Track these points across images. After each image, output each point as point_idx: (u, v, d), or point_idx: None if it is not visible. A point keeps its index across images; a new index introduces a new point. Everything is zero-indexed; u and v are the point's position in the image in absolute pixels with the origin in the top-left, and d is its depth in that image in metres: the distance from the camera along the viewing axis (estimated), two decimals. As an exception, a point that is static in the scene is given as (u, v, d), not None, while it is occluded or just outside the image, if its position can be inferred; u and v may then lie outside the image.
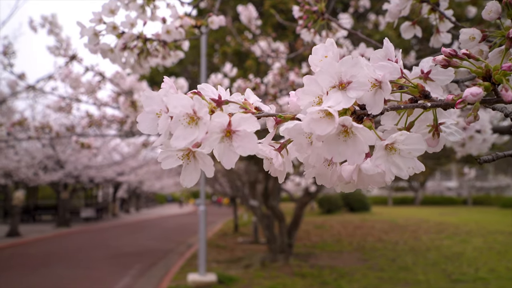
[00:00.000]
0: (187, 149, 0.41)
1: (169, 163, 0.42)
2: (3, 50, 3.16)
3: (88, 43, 1.02)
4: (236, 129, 0.41)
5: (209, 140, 0.40)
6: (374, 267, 8.84)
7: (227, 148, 0.41)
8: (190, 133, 0.40)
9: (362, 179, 0.47)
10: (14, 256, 10.75)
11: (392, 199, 37.74)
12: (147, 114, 0.43)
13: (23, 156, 14.86)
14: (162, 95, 0.42)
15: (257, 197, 10.50)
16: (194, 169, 0.42)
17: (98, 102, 3.33)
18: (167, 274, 8.34)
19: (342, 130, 0.43)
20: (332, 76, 0.43)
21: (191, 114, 0.40)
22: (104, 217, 25.40)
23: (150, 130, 0.44)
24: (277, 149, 0.47)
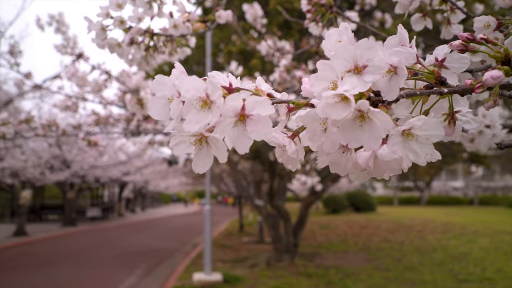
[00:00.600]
0: (199, 134, 0.40)
1: (181, 149, 0.41)
2: (10, 49, 3.17)
3: (96, 38, 1.01)
4: (250, 113, 0.40)
5: (223, 124, 0.39)
6: (380, 267, 8.80)
7: (240, 133, 0.40)
8: (203, 117, 0.39)
9: (378, 166, 0.46)
10: (21, 255, 10.81)
11: (398, 199, 37.60)
12: (158, 99, 0.42)
13: (29, 156, 14.94)
14: (173, 80, 0.41)
15: (262, 196, 10.49)
16: (207, 154, 0.41)
17: (104, 100, 3.33)
18: (173, 274, 8.35)
19: (358, 115, 0.42)
20: (347, 60, 0.42)
21: (204, 98, 0.39)
22: (110, 216, 25.49)
23: (161, 115, 0.43)
24: (290, 137, 0.46)
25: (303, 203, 9.80)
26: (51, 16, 2.17)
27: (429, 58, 0.52)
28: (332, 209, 24.58)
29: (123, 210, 27.77)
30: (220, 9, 1.08)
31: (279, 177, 9.51)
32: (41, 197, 24.05)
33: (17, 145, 12.95)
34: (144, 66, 1.43)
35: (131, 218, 25.18)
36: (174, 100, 0.40)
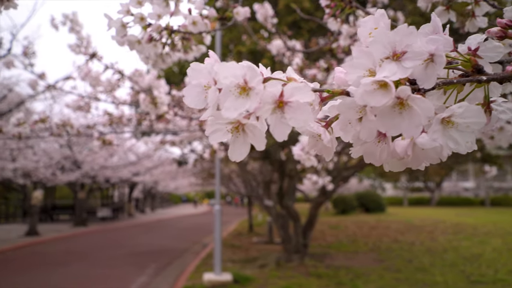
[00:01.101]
0: (236, 122, 0.40)
1: (217, 137, 0.41)
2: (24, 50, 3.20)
3: (116, 34, 1.02)
4: (289, 100, 0.39)
5: (261, 111, 0.39)
6: (391, 267, 8.74)
7: (278, 120, 0.39)
8: (241, 103, 0.39)
9: (417, 155, 0.45)
10: (33, 255, 10.92)
11: (408, 199, 37.38)
12: (193, 87, 0.42)
13: (41, 157, 15.11)
14: (209, 67, 0.41)
15: (272, 197, 10.48)
16: (243, 142, 0.41)
17: (116, 100, 3.35)
18: (183, 273, 8.37)
19: (397, 102, 0.42)
20: (385, 47, 0.41)
21: (242, 85, 0.39)
22: (120, 216, 25.67)
23: (197, 103, 0.42)
24: (324, 126, 0.46)
25: (312, 204, 9.76)
26: (65, 15, 2.19)
27: (461, 48, 0.51)
28: (342, 210, 24.49)
29: (133, 211, 27.94)
30: (238, 5, 1.08)
31: (288, 177, 9.49)
32: (52, 197, 24.29)
33: (29, 146, 13.10)
34: (160, 64, 1.43)
35: (141, 218, 25.32)
36: (212, 87, 0.40)
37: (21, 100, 12.12)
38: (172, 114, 2.64)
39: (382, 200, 26.91)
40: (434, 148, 0.44)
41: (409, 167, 0.49)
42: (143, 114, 2.84)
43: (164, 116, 2.33)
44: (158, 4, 1.06)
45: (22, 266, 9.32)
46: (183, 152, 15.21)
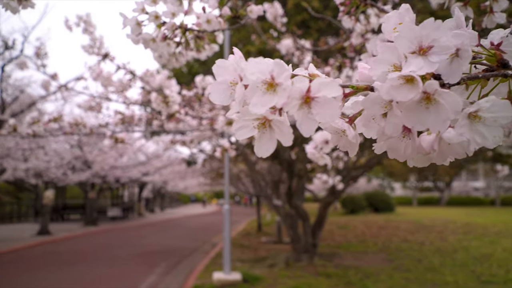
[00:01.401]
0: (263, 118, 0.40)
1: (243, 133, 0.41)
2: (36, 51, 3.23)
3: (131, 32, 1.02)
4: (315, 95, 0.39)
5: (288, 106, 0.39)
6: (400, 267, 8.69)
7: (305, 116, 0.39)
8: (269, 100, 0.39)
9: (443, 150, 0.45)
10: (45, 254, 11.03)
11: (417, 199, 37.13)
12: (218, 84, 0.42)
13: (52, 157, 15.25)
14: (234, 64, 0.41)
15: (280, 196, 10.47)
16: (270, 138, 0.41)
17: (127, 100, 3.37)
18: (193, 273, 8.39)
19: (424, 97, 0.41)
20: (411, 41, 0.41)
21: (268, 81, 0.39)
22: (130, 216, 25.82)
23: (222, 100, 0.42)
24: (348, 122, 0.46)
25: (321, 203, 9.74)
26: (79, 17, 2.21)
27: (483, 43, 0.50)
28: (351, 210, 24.41)
29: (142, 210, 28.11)
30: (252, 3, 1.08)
31: (297, 177, 9.48)
32: (63, 197, 24.51)
33: (41, 146, 13.23)
34: (173, 63, 1.43)
35: (150, 218, 25.46)
36: (238, 84, 0.40)
37: (33, 101, 12.25)
38: (183, 113, 2.65)
39: (391, 200, 26.77)
40: (460, 142, 0.44)
41: (433, 162, 0.48)
42: (155, 113, 2.85)
43: (175, 115, 2.34)
44: (171, 3, 1.07)
45: (34, 265, 9.42)
46: (192, 152, 15.27)
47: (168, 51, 1.27)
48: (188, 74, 10.88)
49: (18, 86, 11.91)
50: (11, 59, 11.38)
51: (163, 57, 1.42)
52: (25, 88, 12.09)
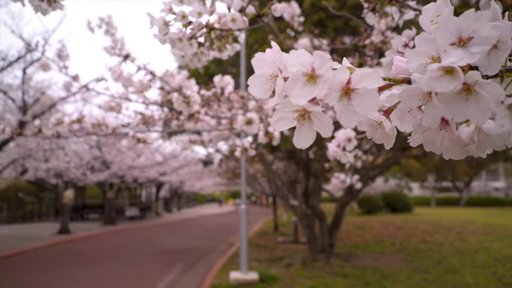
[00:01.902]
0: (302, 109, 0.41)
1: (282, 125, 0.42)
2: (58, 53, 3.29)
3: (158, 32, 1.04)
4: (356, 87, 0.40)
5: (328, 98, 0.39)
6: (419, 268, 8.58)
7: (345, 107, 0.40)
8: (309, 91, 0.39)
9: (481, 141, 0.45)
10: (66, 252, 11.23)
11: (435, 199, 36.58)
12: (257, 77, 0.42)
13: (72, 157, 15.53)
14: (273, 57, 0.41)
15: (297, 196, 10.45)
16: (309, 130, 0.41)
17: (147, 101, 3.41)
18: (210, 272, 8.43)
19: (464, 88, 0.41)
20: (451, 32, 0.41)
21: (309, 72, 0.39)
22: (148, 216, 26.09)
23: (261, 93, 0.43)
24: (384, 114, 0.46)
25: (338, 203, 9.68)
26: (101, 18, 2.25)
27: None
28: (367, 210, 24.19)
29: (160, 210, 28.37)
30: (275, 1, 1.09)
31: (314, 177, 9.44)
32: (82, 197, 24.92)
33: (61, 147, 13.48)
34: (196, 62, 1.45)
35: (167, 218, 25.68)
36: (278, 76, 0.41)
37: (53, 102, 12.48)
38: (203, 113, 2.68)
39: (409, 200, 26.41)
40: (500, 134, 0.43)
41: (471, 154, 0.48)
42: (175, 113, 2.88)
43: (196, 115, 2.36)
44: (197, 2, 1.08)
45: (55, 263, 9.60)
46: (209, 152, 15.35)
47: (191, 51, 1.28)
48: (205, 75, 10.95)
49: (39, 88, 12.15)
50: (32, 62, 11.62)
51: (186, 57, 1.44)
52: (45, 90, 12.32)
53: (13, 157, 12.24)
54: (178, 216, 27.47)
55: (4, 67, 11.33)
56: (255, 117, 2.27)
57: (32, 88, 12.04)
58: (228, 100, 3.04)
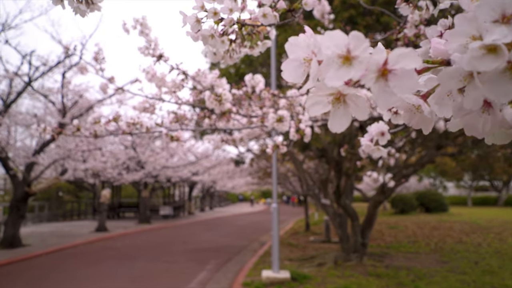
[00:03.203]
0: (337, 93, 0.40)
1: (317, 109, 0.41)
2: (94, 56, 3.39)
3: (191, 29, 1.05)
4: (393, 68, 0.38)
5: (365, 79, 0.38)
6: (455, 269, 8.31)
7: (382, 89, 0.39)
8: (345, 73, 0.38)
9: (528, 123, 0.43)
10: (104, 249, 11.57)
11: (472, 199, 35.34)
12: (291, 62, 0.42)
13: (108, 158, 15.98)
14: (307, 40, 0.41)
15: (328, 195, 10.34)
16: (344, 114, 0.40)
17: (180, 100, 3.46)
18: (242, 270, 8.47)
19: (508, 66, 0.39)
20: (493, 9, 0.39)
21: (344, 54, 0.38)
22: (181, 214, 26.51)
23: (294, 77, 0.43)
24: (422, 97, 0.44)
25: (371, 202, 9.51)
26: (136, 20, 2.30)
27: None
28: (401, 209, 23.65)
29: (193, 209, 28.76)
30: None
31: (345, 176, 9.31)
32: (118, 196, 25.61)
33: (98, 147, 13.88)
34: (228, 60, 1.46)
35: (200, 217, 26.00)
36: (312, 59, 0.40)
37: (90, 105, 12.88)
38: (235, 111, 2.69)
39: (444, 199, 25.60)
40: (548, 115, 0.41)
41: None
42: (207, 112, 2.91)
43: (227, 113, 2.38)
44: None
45: (93, 259, 9.90)
46: (240, 152, 15.43)
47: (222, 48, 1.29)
48: (235, 75, 11.01)
49: (77, 91, 12.57)
50: (71, 66, 12.04)
51: (218, 55, 1.45)
52: (83, 93, 12.73)
53: (53, 158, 12.71)
54: (210, 215, 27.77)
55: (45, 72, 11.79)
56: (286, 114, 2.26)
57: (70, 91, 12.47)
58: (259, 98, 3.04)
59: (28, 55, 11.38)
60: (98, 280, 7.67)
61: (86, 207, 24.70)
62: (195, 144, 19.86)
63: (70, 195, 25.81)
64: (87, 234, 14.98)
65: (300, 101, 3.07)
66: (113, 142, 17.16)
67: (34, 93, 12.13)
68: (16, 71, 11.49)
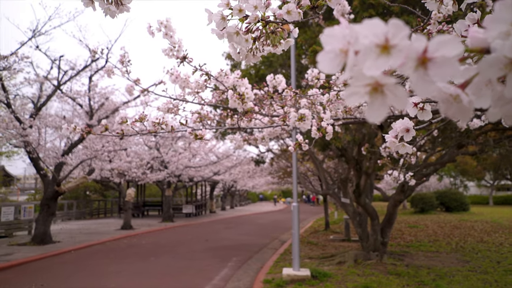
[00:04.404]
0: (375, 83, 0.39)
1: (354, 100, 0.40)
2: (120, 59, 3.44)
3: (216, 27, 1.05)
4: (433, 56, 0.37)
5: (404, 68, 0.37)
6: (477, 269, 8.11)
7: (421, 78, 0.37)
8: (383, 62, 0.37)
9: None
10: (129, 246, 11.74)
11: (493, 198, 34.43)
12: (326, 54, 0.41)
13: (133, 158, 16.22)
14: (343, 31, 0.40)
15: (348, 194, 10.24)
16: (382, 104, 0.39)
17: (203, 101, 3.48)
18: (263, 268, 8.47)
19: (554, 52, 0.37)
20: (537, -5, 0.38)
21: (382, 43, 0.37)
22: (203, 213, 26.68)
23: (330, 69, 0.42)
24: (460, 87, 0.43)
25: (391, 201, 9.36)
26: (160, 22, 2.33)
27: None
28: (420, 209, 23.22)
29: (214, 207, 28.92)
30: (329, -7, 1.06)
31: (365, 175, 9.20)
32: (143, 195, 25.97)
33: (123, 148, 14.11)
34: (251, 58, 1.45)
35: (221, 215, 26.12)
36: (349, 49, 0.39)
37: (116, 107, 13.10)
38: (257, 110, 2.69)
39: (465, 198, 25.00)
40: None
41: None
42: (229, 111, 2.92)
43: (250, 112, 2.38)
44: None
45: (120, 255, 10.06)
46: (260, 151, 15.43)
47: (246, 46, 1.28)
48: (255, 77, 11.02)
49: (104, 94, 12.80)
50: (97, 70, 12.27)
51: (242, 53, 1.44)
52: (109, 96, 12.96)
53: (81, 158, 12.98)
54: (231, 214, 27.87)
55: (73, 75, 12.05)
56: (308, 113, 2.25)
57: (97, 94, 12.71)
58: (281, 98, 3.03)
59: (57, 59, 11.65)
60: (124, 275, 7.79)
61: (112, 205, 25.14)
62: (216, 144, 19.98)
63: (97, 194, 26.31)
64: (113, 231, 15.24)
65: (321, 100, 3.04)
66: (137, 142, 17.42)
67: (63, 96, 12.41)
68: (46, 75, 11.78)
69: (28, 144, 11.16)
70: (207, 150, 19.84)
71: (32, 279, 7.56)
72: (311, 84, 3.22)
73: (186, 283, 7.21)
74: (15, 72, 11.09)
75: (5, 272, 8.26)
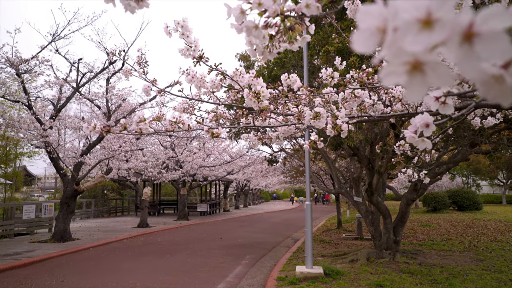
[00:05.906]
0: (414, 61, 0.36)
1: (392, 79, 0.37)
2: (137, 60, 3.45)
3: (235, 21, 1.04)
4: (480, 30, 0.34)
5: (448, 43, 0.34)
6: (491, 268, 7.95)
7: (466, 54, 0.35)
8: (425, 37, 0.34)
9: None
10: (146, 244, 11.82)
11: (506, 197, 33.77)
12: (362, 32, 0.38)
13: (149, 158, 16.33)
14: (380, 7, 0.37)
15: (361, 193, 10.13)
16: (422, 83, 0.37)
17: (218, 101, 3.47)
18: (276, 265, 8.44)
19: None
20: None
21: (423, 18, 0.35)
22: (217, 211, 26.75)
23: (366, 47, 0.39)
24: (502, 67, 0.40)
25: (403, 200, 9.24)
26: (177, 22, 2.32)
27: None
28: (433, 207, 22.89)
29: (228, 206, 28.97)
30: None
31: (378, 174, 9.09)
32: (159, 194, 26.14)
33: (140, 148, 14.21)
34: (267, 55, 1.43)
35: (235, 213, 26.13)
36: (388, 25, 0.36)
37: (133, 108, 13.20)
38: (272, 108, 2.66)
39: (478, 197, 24.57)
40: None
41: None
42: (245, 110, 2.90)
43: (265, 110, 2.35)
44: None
45: (136, 252, 10.13)
46: (273, 151, 15.40)
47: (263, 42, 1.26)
48: (268, 77, 10.99)
49: (121, 95, 12.91)
50: (114, 72, 12.38)
51: (258, 50, 1.42)
52: (126, 97, 13.06)
53: (99, 158, 13.11)
54: (245, 212, 27.88)
55: (91, 78, 12.18)
56: (323, 111, 2.22)
57: (114, 95, 12.82)
58: (295, 97, 3.00)
59: (76, 62, 11.80)
60: (141, 272, 7.84)
61: (129, 204, 25.38)
62: (229, 144, 20.01)
63: (114, 193, 26.58)
64: (130, 229, 15.37)
65: (336, 98, 3.00)
66: (153, 143, 17.54)
67: (81, 98, 12.55)
68: (65, 77, 11.93)
69: (48, 145, 11.32)
70: (221, 150, 19.88)
71: (53, 275, 7.66)
72: (325, 83, 3.19)
73: (201, 280, 7.21)
74: (36, 75, 11.26)
75: (27, 268, 8.38)
